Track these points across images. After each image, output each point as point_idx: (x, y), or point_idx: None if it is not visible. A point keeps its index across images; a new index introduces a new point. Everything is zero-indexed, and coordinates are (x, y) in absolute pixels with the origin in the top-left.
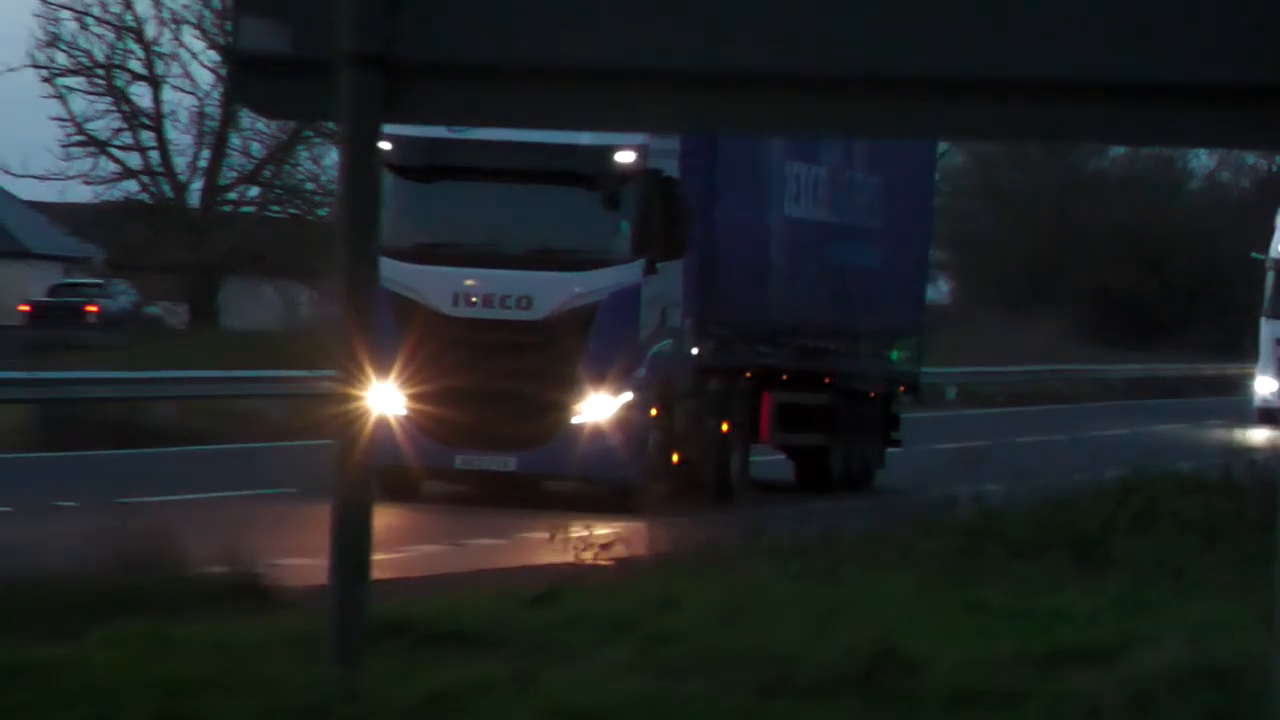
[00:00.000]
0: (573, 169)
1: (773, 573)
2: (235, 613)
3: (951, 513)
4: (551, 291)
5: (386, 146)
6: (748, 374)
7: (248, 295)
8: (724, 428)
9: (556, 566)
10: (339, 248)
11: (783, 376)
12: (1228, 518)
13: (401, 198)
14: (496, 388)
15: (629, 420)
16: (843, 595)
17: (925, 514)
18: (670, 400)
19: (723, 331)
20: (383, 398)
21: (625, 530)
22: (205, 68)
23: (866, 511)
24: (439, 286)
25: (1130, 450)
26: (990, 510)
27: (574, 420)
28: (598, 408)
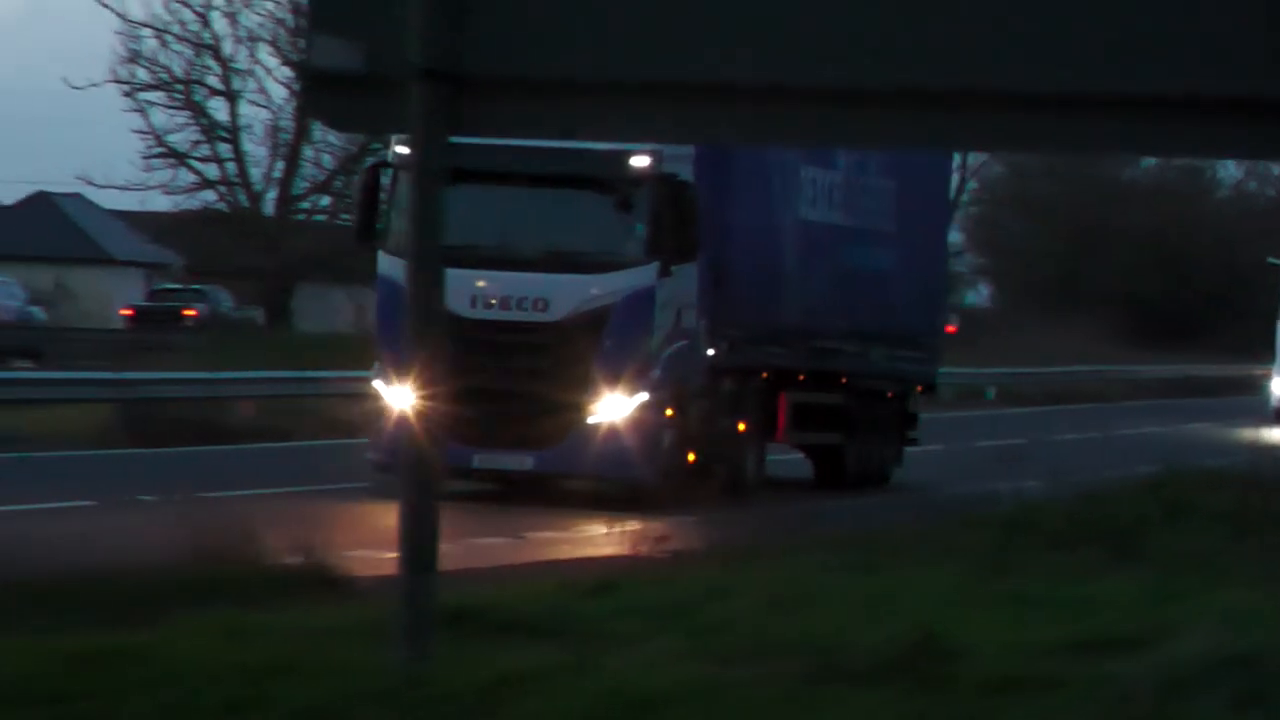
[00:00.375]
0: (588, 173)
1: (818, 565)
2: (309, 602)
3: (991, 507)
4: (567, 294)
5: (404, 150)
6: (763, 374)
7: (319, 299)
8: (739, 427)
9: (611, 558)
10: (410, 254)
11: (799, 377)
12: (1255, 512)
13: None
14: (513, 388)
15: (644, 420)
16: (886, 586)
17: (965, 508)
18: (685, 400)
19: (737, 333)
20: (402, 398)
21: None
22: (279, 83)
23: (885, 508)
24: (457, 289)
25: (1161, 447)
26: (1028, 504)
27: (589, 420)
28: (613, 408)
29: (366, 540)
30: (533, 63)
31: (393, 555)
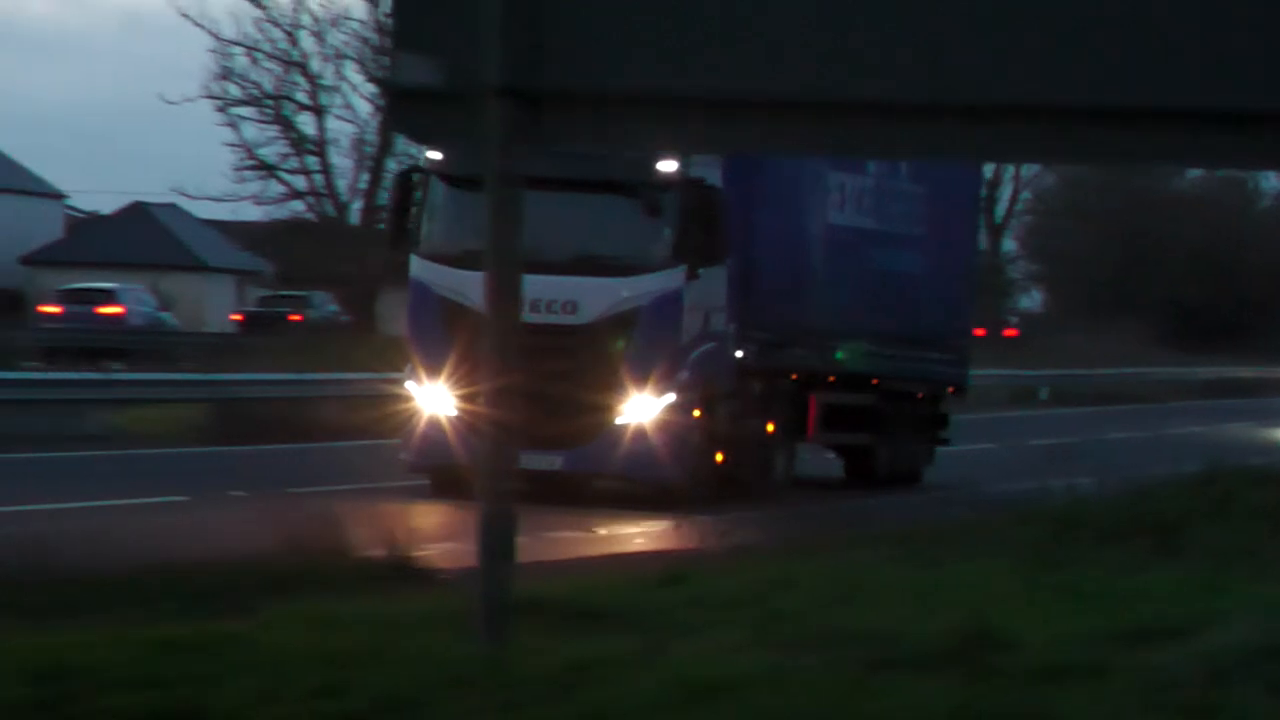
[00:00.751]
0: (617, 178)
1: (876, 558)
2: (392, 592)
3: (1042, 502)
4: (596, 297)
5: (437, 156)
6: (792, 376)
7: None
8: (768, 428)
9: (678, 552)
10: (488, 262)
11: (829, 378)
12: None
13: (452, 205)
14: (543, 389)
15: (672, 421)
16: (941, 578)
17: (1016, 504)
18: (713, 401)
19: (766, 335)
20: (435, 399)
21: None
22: (364, 99)
23: (932, 505)
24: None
25: (1205, 446)
26: (1078, 500)
27: (618, 421)
28: (641, 409)
29: (448, 533)
30: (602, 78)
31: (472, 548)
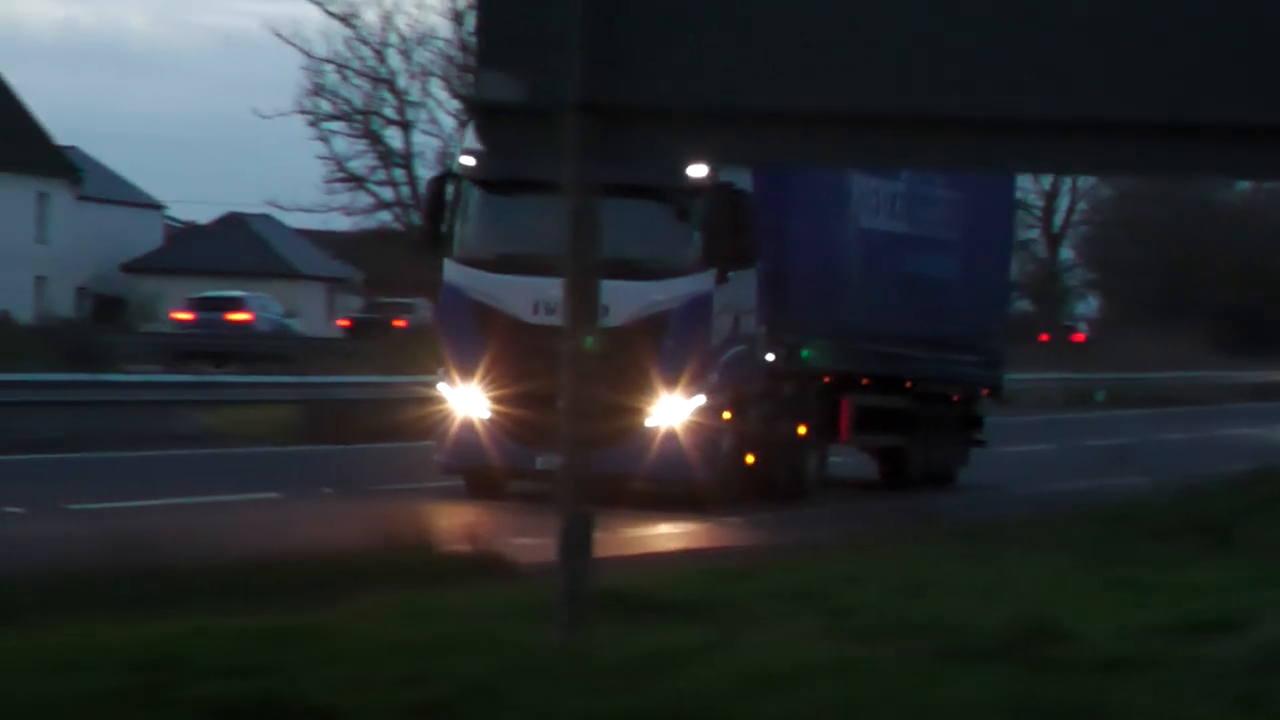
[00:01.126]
0: (647, 182)
1: (939, 554)
2: (476, 585)
3: (1100, 501)
4: (626, 300)
5: (469, 161)
6: (825, 379)
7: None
8: (800, 430)
9: (749, 547)
10: (565, 270)
11: (862, 381)
12: None
13: (484, 210)
14: None
15: (701, 423)
16: (1001, 573)
17: (1073, 503)
18: (743, 404)
19: (797, 338)
20: (468, 401)
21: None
22: (449, 114)
23: (983, 504)
24: (520, 295)
25: (1254, 447)
26: (1133, 499)
27: (648, 423)
28: (671, 411)
29: (528, 528)
30: (676, 95)
31: (552, 542)
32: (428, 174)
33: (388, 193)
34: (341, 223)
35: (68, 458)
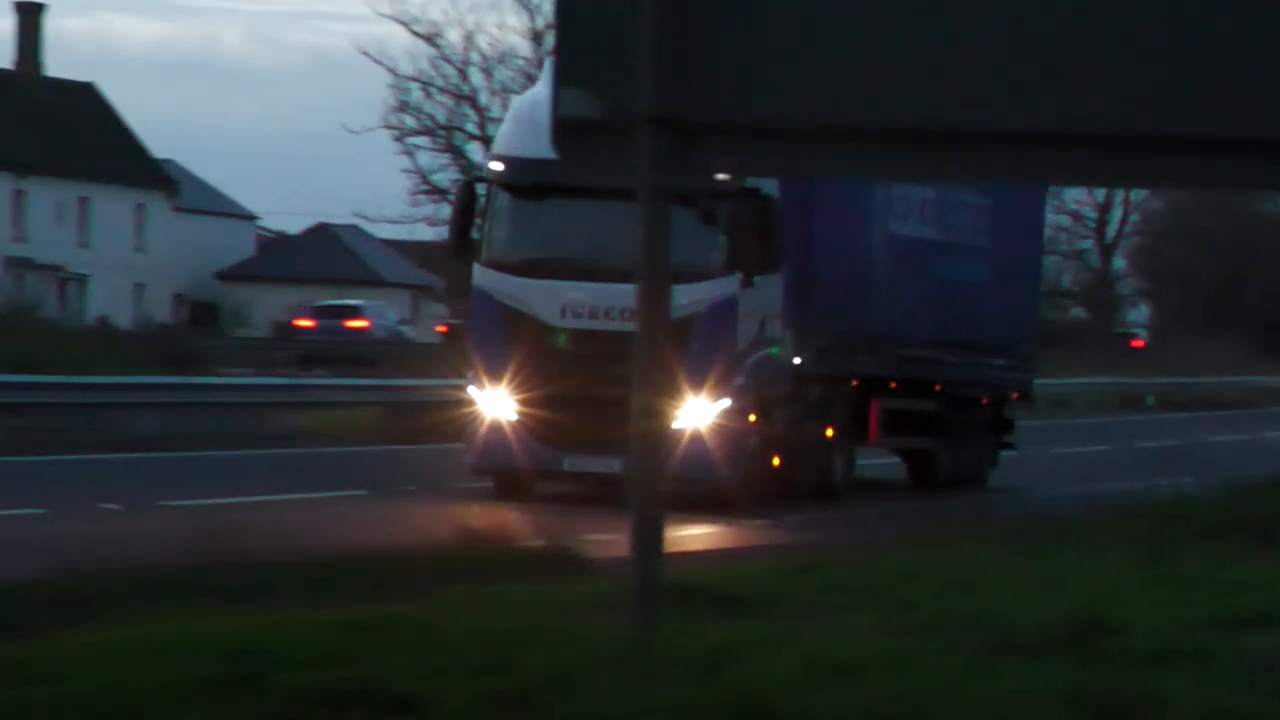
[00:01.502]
0: (673, 187)
1: (993, 551)
2: (551, 579)
3: (1151, 500)
4: None
5: (498, 167)
6: (853, 382)
7: None
8: (827, 433)
9: (810, 544)
10: (640, 279)
11: (890, 384)
12: None
13: (512, 215)
14: (601, 394)
15: (727, 425)
16: (1053, 570)
17: (1131, 501)
18: (769, 406)
19: (824, 342)
20: (496, 403)
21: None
22: None
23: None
24: (547, 299)
25: None
26: (1183, 498)
27: (674, 425)
28: (697, 413)
29: (601, 524)
30: (748, 110)
31: (625, 538)
32: None
33: None
34: (425, 233)
35: (162, 456)
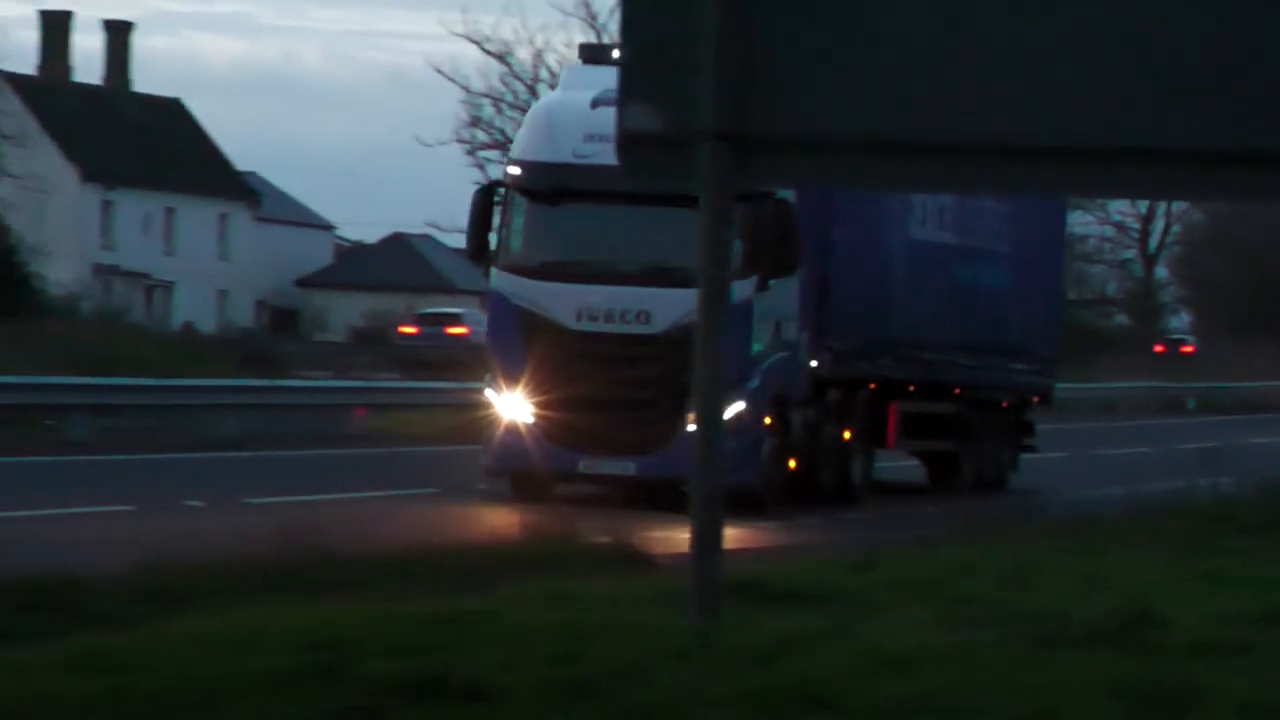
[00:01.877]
0: (689, 191)
1: (1044, 548)
2: (617, 574)
3: (1193, 500)
4: (668, 306)
5: (515, 171)
6: (871, 385)
7: None
8: (845, 435)
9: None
10: (701, 290)
11: (909, 387)
12: None
13: (529, 219)
14: (617, 397)
15: (742, 428)
16: (1101, 566)
17: (1175, 501)
18: (786, 409)
19: (841, 345)
20: (514, 406)
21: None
22: None
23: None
24: (563, 302)
25: None
26: (1224, 498)
27: (690, 427)
28: None
29: (664, 522)
30: (808, 125)
31: (687, 535)
32: None
33: None
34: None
35: (245, 456)
